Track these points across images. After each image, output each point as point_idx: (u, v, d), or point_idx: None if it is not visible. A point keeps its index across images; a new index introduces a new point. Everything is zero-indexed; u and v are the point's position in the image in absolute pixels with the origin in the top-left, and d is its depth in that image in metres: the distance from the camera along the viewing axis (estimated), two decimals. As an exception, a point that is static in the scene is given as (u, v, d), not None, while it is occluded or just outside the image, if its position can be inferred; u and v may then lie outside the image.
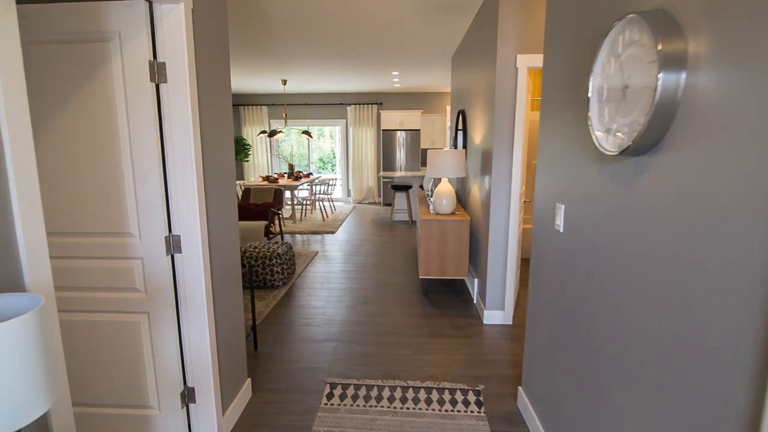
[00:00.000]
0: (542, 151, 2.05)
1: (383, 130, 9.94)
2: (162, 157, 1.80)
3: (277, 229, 6.07)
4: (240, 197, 6.22)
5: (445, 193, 3.95)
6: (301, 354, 3.00)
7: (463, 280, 4.20)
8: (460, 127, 5.09)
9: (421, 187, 7.99)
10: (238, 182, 8.12)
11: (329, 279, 4.68)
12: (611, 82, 1.26)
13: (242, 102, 10.55)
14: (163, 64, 1.74)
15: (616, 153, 1.20)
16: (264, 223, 5.57)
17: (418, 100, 10.30)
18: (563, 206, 1.77)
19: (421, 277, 4.00)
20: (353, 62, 6.49)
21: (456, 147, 5.45)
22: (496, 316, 3.50)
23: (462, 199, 4.90)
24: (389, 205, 10.07)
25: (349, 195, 10.90)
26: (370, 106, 10.22)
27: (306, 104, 10.46)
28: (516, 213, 3.35)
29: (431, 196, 4.94)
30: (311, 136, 8.39)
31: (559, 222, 1.80)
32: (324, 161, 13.36)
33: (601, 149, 1.31)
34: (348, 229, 7.48)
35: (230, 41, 5.16)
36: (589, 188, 1.52)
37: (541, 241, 2.05)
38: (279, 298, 4.06)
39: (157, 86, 1.76)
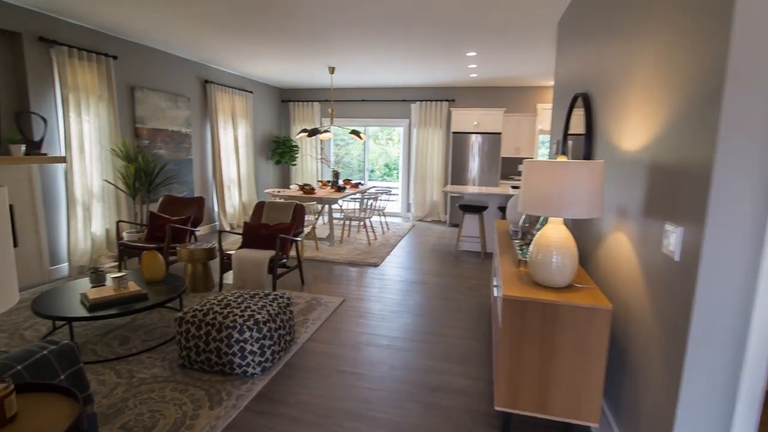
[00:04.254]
0: None
1: (454, 132, 7.99)
2: None
3: (295, 259, 4.39)
4: (251, 214, 4.67)
5: (557, 245, 1.98)
6: None
7: (588, 427, 2.13)
8: (576, 130, 3.04)
9: (501, 210, 5.91)
10: (271, 190, 6.65)
11: (343, 364, 2.88)
12: None
13: (291, 98, 9.21)
14: None
15: None
16: (269, 254, 3.93)
17: (500, 96, 8.21)
18: None
19: (497, 408, 2.05)
20: (415, 37, 4.68)
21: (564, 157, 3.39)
22: None
23: (579, 252, 2.86)
24: (456, 225, 8.07)
25: (408, 210, 9.07)
26: (439, 103, 8.33)
27: (363, 101, 8.84)
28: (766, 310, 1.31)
29: (521, 237, 2.96)
30: (360, 137, 6.71)
31: None
32: (390, 167, 11.72)
33: None
34: (399, 259, 5.65)
35: (247, 16, 3.62)
36: None
37: None
38: (243, 405, 2.34)
39: None
